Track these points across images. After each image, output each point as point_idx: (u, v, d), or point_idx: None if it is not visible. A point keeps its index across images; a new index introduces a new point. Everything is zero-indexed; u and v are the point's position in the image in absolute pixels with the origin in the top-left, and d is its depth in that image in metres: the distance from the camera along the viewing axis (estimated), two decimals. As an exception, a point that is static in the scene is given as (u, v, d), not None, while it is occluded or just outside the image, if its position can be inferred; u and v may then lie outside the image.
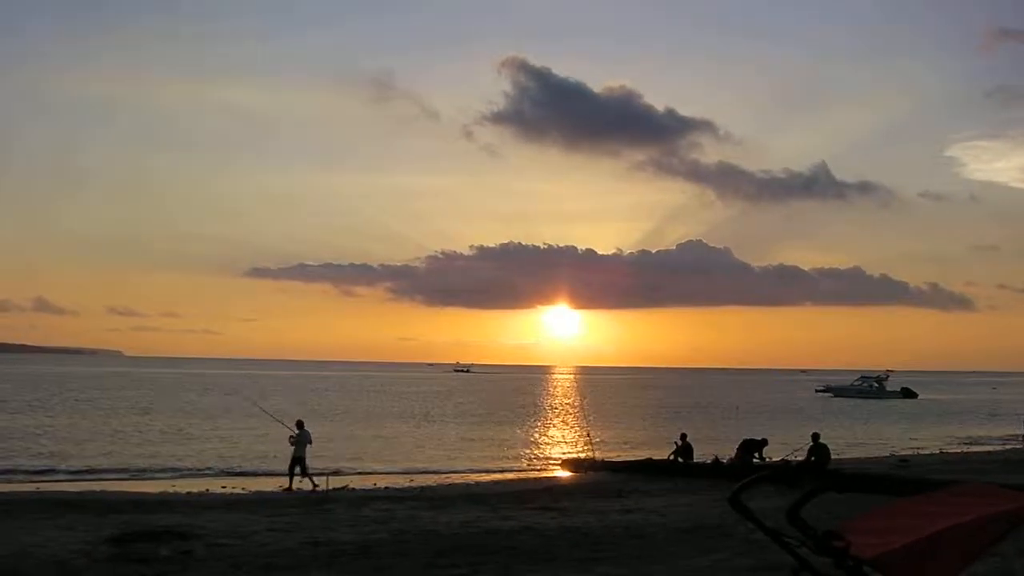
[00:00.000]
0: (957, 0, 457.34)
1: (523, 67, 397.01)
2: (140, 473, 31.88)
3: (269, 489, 26.66)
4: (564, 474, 32.50)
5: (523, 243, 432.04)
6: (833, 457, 29.43)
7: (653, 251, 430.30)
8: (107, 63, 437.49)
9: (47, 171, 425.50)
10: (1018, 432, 47.19)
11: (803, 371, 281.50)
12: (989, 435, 54.31)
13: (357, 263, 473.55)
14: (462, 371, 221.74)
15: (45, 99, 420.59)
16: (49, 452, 37.44)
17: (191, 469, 33.18)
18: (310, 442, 27.50)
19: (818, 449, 27.94)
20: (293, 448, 27.11)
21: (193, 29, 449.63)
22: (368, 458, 37.61)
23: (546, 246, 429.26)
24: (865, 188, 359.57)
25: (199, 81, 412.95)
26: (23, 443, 40.41)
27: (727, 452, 31.42)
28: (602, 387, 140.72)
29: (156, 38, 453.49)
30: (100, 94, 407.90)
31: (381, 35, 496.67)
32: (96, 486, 27.23)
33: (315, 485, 26.32)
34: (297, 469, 26.75)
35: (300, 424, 27.92)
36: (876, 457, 37.61)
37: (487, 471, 34.48)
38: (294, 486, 26.38)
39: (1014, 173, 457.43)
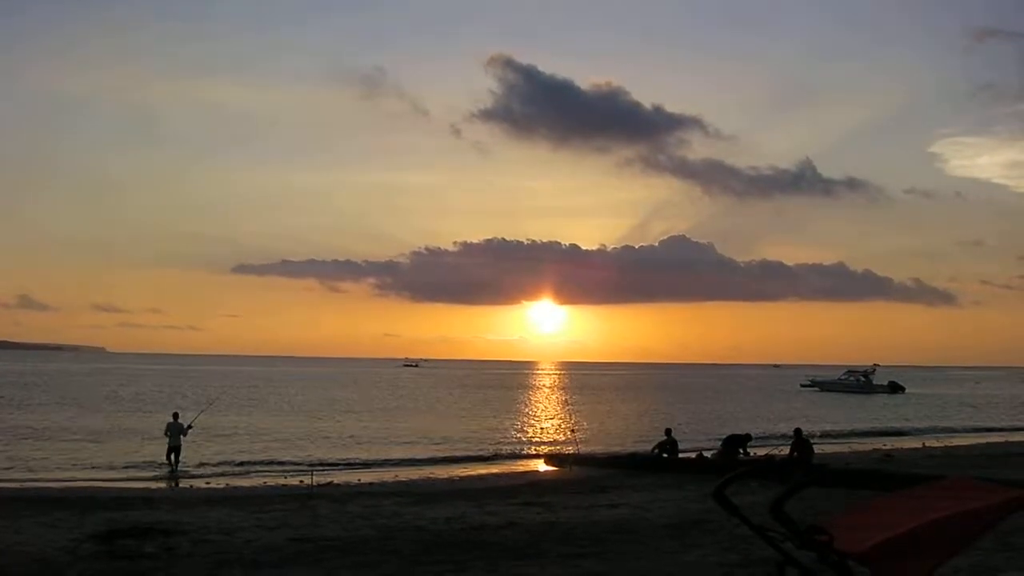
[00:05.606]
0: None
1: (509, 64, 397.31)
2: (123, 470, 31.67)
3: (250, 485, 26.67)
4: (548, 469, 32.49)
5: (507, 239, 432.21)
6: (817, 452, 29.58)
7: (636, 246, 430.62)
8: (91, 59, 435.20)
9: (30, 167, 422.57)
10: None
11: (775, 365, 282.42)
12: (973, 429, 54.74)
13: (341, 259, 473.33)
14: (411, 366, 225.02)
15: (28, 95, 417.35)
16: (34, 449, 37.24)
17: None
18: (184, 433, 30.10)
19: (801, 444, 28.11)
20: (168, 438, 30.01)
21: (177, 26, 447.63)
22: (345, 453, 37.50)
23: (530, 242, 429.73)
24: (851, 184, 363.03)
25: (184, 78, 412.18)
26: (7, 440, 40.15)
27: (712, 447, 31.54)
28: (586, 383, 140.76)
29: (141, 34, 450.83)
30: (83, 91, 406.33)
31: (369, 32, 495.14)
32: (80, 483, 27.13)
33: (173, 472, 29.57)
34: (172, 456, 29.96)
35: (175, 416, 30.81)
36: (860, 452, 37.78)
37: (468, 462, 34.68)
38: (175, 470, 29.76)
39: (998, 169, 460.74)
